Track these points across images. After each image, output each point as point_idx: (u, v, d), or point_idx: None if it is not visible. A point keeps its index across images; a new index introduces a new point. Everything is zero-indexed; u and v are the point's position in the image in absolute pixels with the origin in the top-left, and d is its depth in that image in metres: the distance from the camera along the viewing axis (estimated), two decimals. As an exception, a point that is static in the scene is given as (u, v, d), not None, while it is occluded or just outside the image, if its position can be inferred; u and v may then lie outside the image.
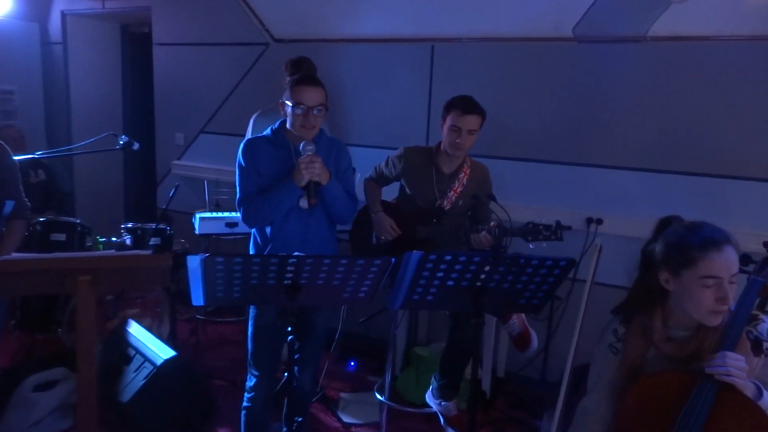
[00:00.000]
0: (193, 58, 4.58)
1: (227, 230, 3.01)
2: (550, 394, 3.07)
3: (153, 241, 3.65)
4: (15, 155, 2.51)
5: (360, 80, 3.87)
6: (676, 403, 1.62)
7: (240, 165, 2.35)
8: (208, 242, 4.04)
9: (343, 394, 3.41)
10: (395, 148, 2.92)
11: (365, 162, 3.13)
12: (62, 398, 3.00)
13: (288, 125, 2.39)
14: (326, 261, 1.66)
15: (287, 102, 2.32)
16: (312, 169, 2.21)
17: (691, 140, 3.08)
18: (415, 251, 1.82)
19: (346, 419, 3.14)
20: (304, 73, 2.40)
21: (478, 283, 1.92)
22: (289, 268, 1.65)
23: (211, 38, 4.46)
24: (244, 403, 2.47)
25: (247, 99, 4.33)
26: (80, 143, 3.36)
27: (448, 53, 3.61)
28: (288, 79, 3.35)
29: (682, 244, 1.67)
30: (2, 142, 2.46)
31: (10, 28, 5.09)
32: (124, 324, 3.14)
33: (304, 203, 2.34)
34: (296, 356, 2.48)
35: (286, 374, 2.79)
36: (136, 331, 3.08)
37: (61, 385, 3.08)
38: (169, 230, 3.43)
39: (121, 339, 3.04)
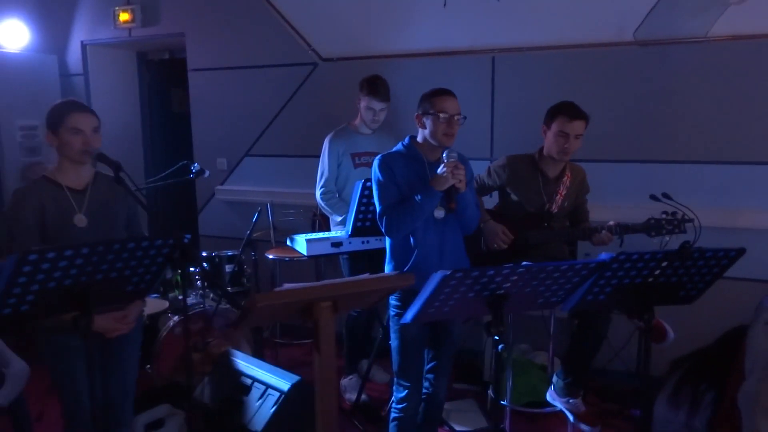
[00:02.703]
0: (232, 81, 4.55)
1: (334, 250, 3.01)
2: (652, 386, 3.20)
3: (228, 268, 3.63)
4: None
5: (418, 94, 3.91)
6: None
7: (378, 180, 2.41)
8: (275, 266, 4.03)
9: (442, 404, 3.44)
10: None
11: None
12: (174, 435, 2.95)
13: (421, 138, 2.46)
14: (549, 267, 1.72)
15: (427, 113, 2.39)
16: (458, 174, 2.28)
17: (757, 132, 3.27)
18: (604, 252, 1.90)
19: (458, 428, 3.18)
20: (438, 87, 2.49)
21: (650, 279, 2.02)
22: (512, 278, 1.71)
23: (253, 61, 4.45)
24: (395, 414, 2.50)
25: (298, 119, 4.34)
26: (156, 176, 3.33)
27: (510, 64, 3.72)
28: (364, 97, 3.40)
29: None
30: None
31: (28, 61, 4.94)
32: (227, 354, 3.10)
33: (439, 214, 2.41)
34: (434, 363, 2.57)
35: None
36: (242, 359, 3.04)
37: (169, 423, 3.03)
38: (254, 255, 3.40)
39: (231, 370, 3.00)
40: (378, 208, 2.41)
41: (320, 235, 3.14)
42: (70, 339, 2.15)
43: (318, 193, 3.53)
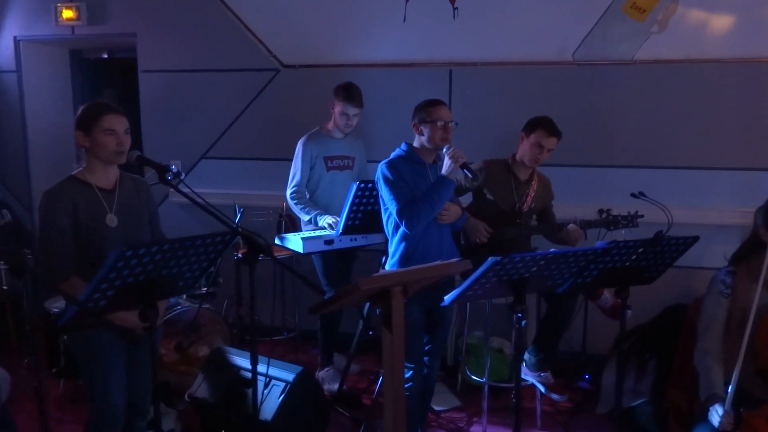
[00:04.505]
0: (188, 84, 4.56)
1: (326, 247, 3.20)
2: (599, 364, 3.68)
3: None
4: None
5: (379, 102, 4.17)
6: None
7: (389, 180, 2.65)
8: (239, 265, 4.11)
9: (414, 388, 3.72)
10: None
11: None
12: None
13: (418, 143, 2.75)
14: (568, 253, 2.07)
15: (424, 121, 2.68)
16: (460, 156, 2.62)
17: (674, 141, 3.88)
18: (599, 241, 2.29)
19: (437, 407, 3.49)
20: (432, 98, 2.77)
21: (627, 263, 2.44)
22: (541, 262, 2.04)
23: (210, 65, 4.49)
24: (401, 394, 2.74)
25: (259, 123, 4.44)
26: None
27: (466, 76, 4.09)
28: (339, 102, 3.61)
29: None
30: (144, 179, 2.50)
31: (-47, 56, 4.63)
32: (221, 351, 3.20)
33: None
34: (429, 347, 2.86)
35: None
36: (236, 354, 3.15)
37: (163, 421, 3.06)
38: (236, 255, 3.51)
39: (227, 365, 3.10)
40: (394, 207, 2.64)
41: (313, 233, 3.32)
42: (101, 332, 2.21)
43: (288, 193, 3.68)
